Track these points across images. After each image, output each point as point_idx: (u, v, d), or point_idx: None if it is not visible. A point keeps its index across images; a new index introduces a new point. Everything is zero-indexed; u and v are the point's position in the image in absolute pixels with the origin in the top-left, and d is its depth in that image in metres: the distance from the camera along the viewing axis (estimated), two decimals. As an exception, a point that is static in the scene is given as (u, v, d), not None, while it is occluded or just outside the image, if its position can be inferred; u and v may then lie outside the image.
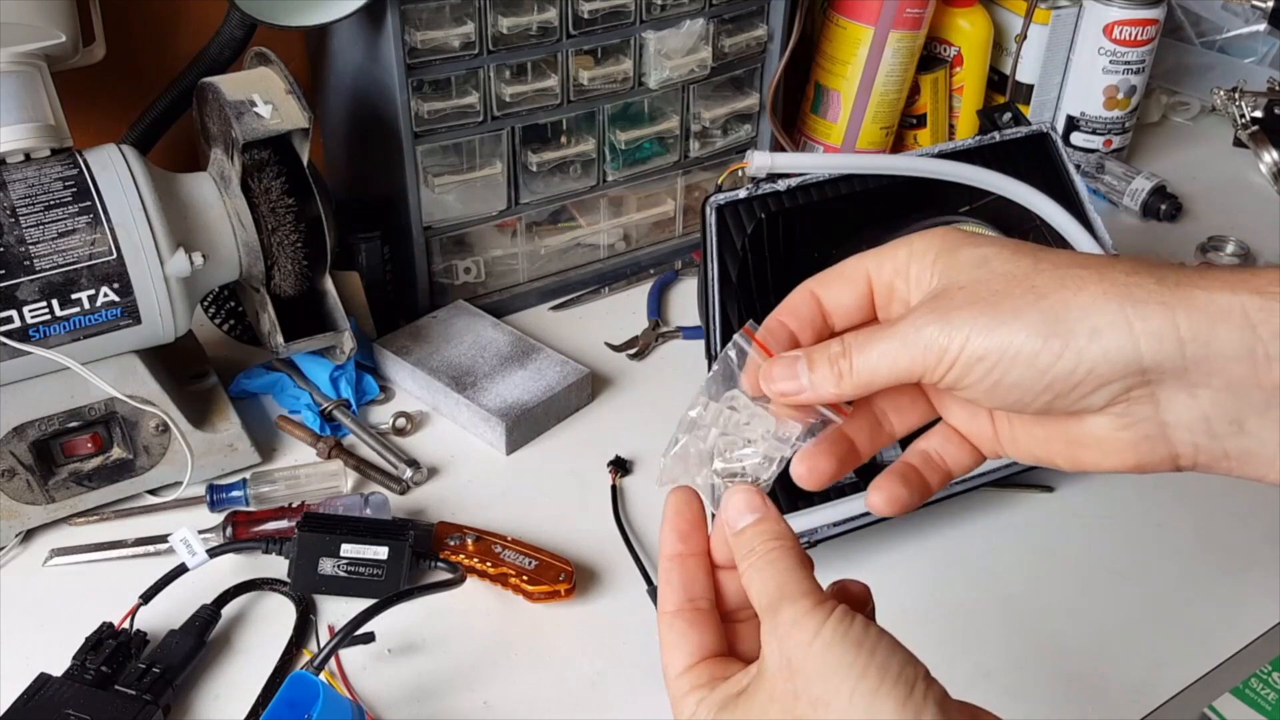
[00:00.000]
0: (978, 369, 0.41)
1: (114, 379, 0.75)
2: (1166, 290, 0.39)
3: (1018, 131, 0.86)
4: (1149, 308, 0.39)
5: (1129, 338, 0.39)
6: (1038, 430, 0.45)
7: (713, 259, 0.75)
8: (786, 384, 0.45)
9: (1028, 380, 0.40)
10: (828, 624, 0.40)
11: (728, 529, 0.46)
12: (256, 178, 0.78)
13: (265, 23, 0.83)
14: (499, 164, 0.94)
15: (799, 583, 0.42)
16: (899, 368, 0.43)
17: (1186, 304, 0.38)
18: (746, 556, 0.44)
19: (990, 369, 0.41)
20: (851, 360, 0.44)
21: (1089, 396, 0.40)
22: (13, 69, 0.72)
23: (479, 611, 0.73)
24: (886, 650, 0.40)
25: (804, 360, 0.45)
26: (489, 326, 0.95)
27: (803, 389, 0.45)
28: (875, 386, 0.44)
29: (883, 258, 0.45)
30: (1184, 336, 0.38)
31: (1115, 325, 0.39)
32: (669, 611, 0.46)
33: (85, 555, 0.76)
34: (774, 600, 0.42)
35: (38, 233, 0.70)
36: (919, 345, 0.42)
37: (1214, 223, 1.16)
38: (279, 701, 0.60)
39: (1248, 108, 1.25)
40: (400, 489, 0.82)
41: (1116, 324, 0.39)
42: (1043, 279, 0.41)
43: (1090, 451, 0.43)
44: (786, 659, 0.41)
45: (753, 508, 0.45)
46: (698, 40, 0.97)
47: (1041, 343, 0.40)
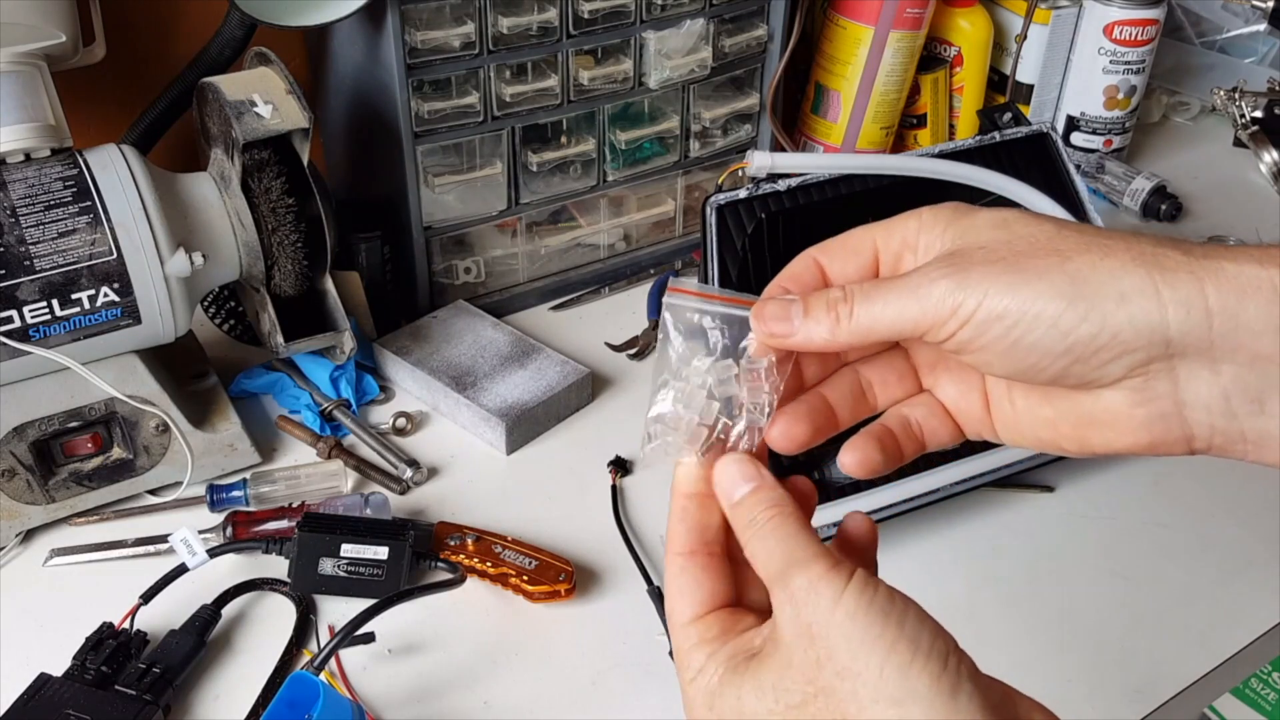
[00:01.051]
0: (995, 328, 0.39)
1: (114, 379, 0.75)
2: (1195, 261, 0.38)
3: (1018, 131, 0.86)
4: (1178, 275, 0.38)
5: (1156, 305, 0.38)
6: (1045, 410, 0.43)
7: (713, 259, 0.75)
8: (778, 324, 0.43)
9: (1047, 342, 0.39)
10: (848, 590, 0.38)
11: (723, 501, 0.44)
12: (256, 178, 0.78)
13: (265, 23, 0.83)
14: (499, 164, 0.94)
15: (806, 546, 0.41)
16: (904, 319, 0.41)
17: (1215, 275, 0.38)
18: (748, 526, 0.42)
19: (1009, 328, 0.39)
20: (853, 306, 0.42)
21: (1108, 365, 0.39)
22: (13, 69, 0.72)
23: (479, 611, 0.73)
24: (915, 621, 0.38)
25: (800, 303, 0.43)
26: (489, 326, 0.95)
27: (793, 331, 0.43)
28: (873, 338, 0.42)
29: (891, 228, 0.44)
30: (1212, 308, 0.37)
31: (1143, 292, 0.38)
32: (681, 553, 0.44)
33: (85, 555, 0.76)
34: (783, 567, 0.40)
35: (38, 233, 0.70)
36: (931, 298, 0.40)
37: (1214, 223, 1.16)
38: (279, 701, 0.60)
39: (1248, 108, 1.25)
40: (400, 489, 0.82)
41: (1144, 290, 0.38)
42: (1068, 243, 0.39)
43: (1101, 431, 0.41)
44: (806, 625, 0.39)
45: (747, 477, 0.43)
46: (698, 40, 0.97)
47: (1066, 304, 0.38)
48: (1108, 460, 0.84)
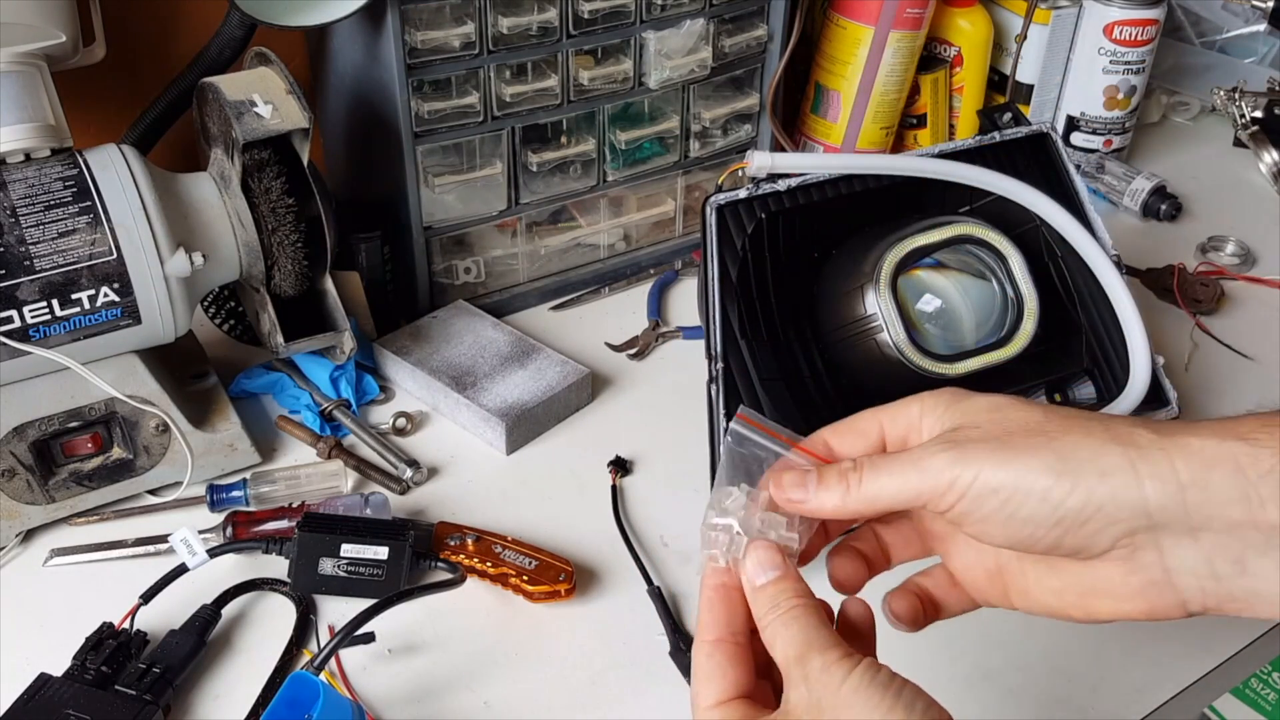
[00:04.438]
0: (991, 501, 0.44)
1: (114, 379, 0.75)
2: (1164, 438, 0.42)
3: (1018, 131, 0.86)
4: (1151, 453, 0.42)
5: (1135, 480, 0.42)
6: (1052, 580, 0.47)
7: (713, 259, 0.75)
8: (795, 492, 0.48)
9: (1040, 514, 0.43)
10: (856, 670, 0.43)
11: (747, 585, 0.48)
12: (256, 178, 0.78)
13: (265, 23, 0.83)
14: (499, 164, 0.94)
15: (826, 637, 0.45)
16: (908, 489, 0.45)
17: (1183, 451, 0.42)
18: (770, 611, 0.46)
19: (1005, 502, 0.43)
20: (862, 475, 0.47)
21: (1097, 535, 0.43)
22: (13, 69, 0.72)
23: (479, 611, 0.73)
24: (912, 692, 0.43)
25: (815, 473, 0.48)
26: (489, 326, 0.95)
27: (809, 498, 0.48)
28: (879, 506, 0.47)
29: (895, 412, 0.49)
30: (1184, 481, 0.41)
31: (1122, 469, 0.42)
32: (709, 640, 0.47)
33: (85, 555, 0.76)
34: (802, 652, 0.44)
35: (38, 233, 0.70)
36: (931, 471, 0.44)
37: (1214, 223, 1.16)
38: (279, 701, 0.60)
39: (1248, 108, 1.25)
40: (400, 489, 0.82)
41: (1123, 467, 0.42)
42: (1053, 425, 0.44)
43: (1102, 600, 0.45)
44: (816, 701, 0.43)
45: (774, 565, 0.47)
46: (698, 40, 0.97)
47: (1054, 479, 0.42)
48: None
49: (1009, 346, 0.77)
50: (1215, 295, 1.03)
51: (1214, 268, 1.08)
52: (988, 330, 0.78)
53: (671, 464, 0.84)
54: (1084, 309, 0.84)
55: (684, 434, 0.83)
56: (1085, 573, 0.45)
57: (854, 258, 0.77)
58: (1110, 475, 0.42)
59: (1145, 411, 0.83)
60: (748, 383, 0.74)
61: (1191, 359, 0.96)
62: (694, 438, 0.76)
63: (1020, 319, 0.77)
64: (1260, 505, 0.41)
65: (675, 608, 0.73)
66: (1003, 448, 0.44)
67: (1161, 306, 1.03)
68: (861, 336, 0.75)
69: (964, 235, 0.77)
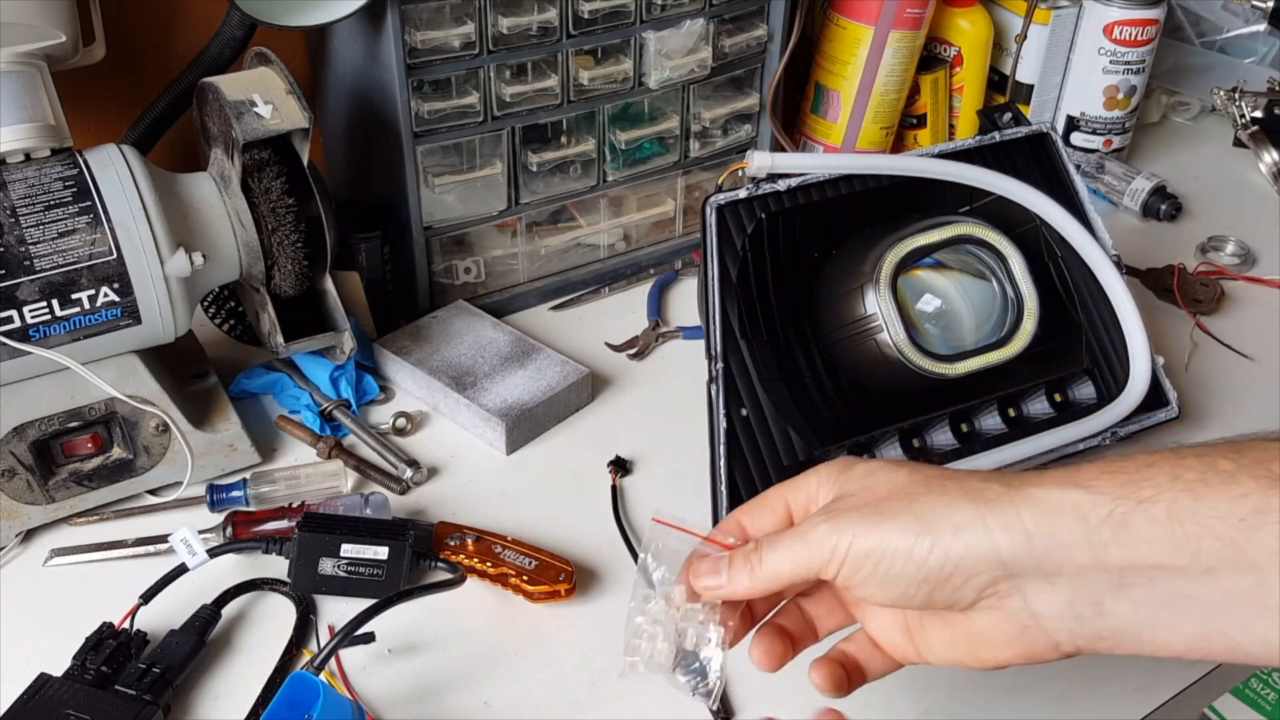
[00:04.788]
0: (865, 565, 0.47)
1: (114, 379, 0.75)
2: (1011, 491, 0.45)
3: (1018, 131, 0.86)
4: (999, 506, 0.45)
5: (985, 532, 0.45)
6: (945, 633, 0.50)
7: (713, 259, 0.75)
8: (710, 579, 0.51)
9: (908, 573, 0.46)
10: None
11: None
12: (256, 178, 0.78)
13: (265, 23, 0.83)
14: (499, 164, 0.94)
15: None
16: (799, 563, 0.49)
17: (1028, 501, 0.45)
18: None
19: (876, 565, 0.47)
20: (761, 555, 0.50)
21: (962, 588, 0.46)
22: (13, 69, 0.72)
23: (479, 611, 0.73)
24: None
25: (726, 560, 0.52)
26: (489, 326, 0.95)
27: (722, 585, 0.51)
28: (781, 581, 0.50)
29: (796, 486, 0.53)
30: (1030, 530, 0.44)
31: (973, 523, 0.45)
32: None
33: (85, 555, 0.76)
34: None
35: (38, 233, 0.70)
36: (815, 542, 0.48)
37: (1214, 223, 1.16)
38: (279, 701, 0.60)
39: (1248, 108, 1.25)
40: (400, 489, 0.82)
41: (974, 521, 0.45)
42: (916, 487, 0.48)
43: (986, 648, 0.48)
44: None
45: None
46: (698, 40, 0.97)
47: (914, 539, 0.46)
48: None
49: (1009, 346, 0.77)
50: (1215, 295, 1.03)
51: (1214, 268, 1.08)
52: (988, 330, 0.78)
53: (671, 464, 0.84)
54: (1084, 309, 0.84)
55: (684, 434, 0.83)
56: (966, 624, 0.48)
57: (854, 258, 0.77)
58: (963, 530, 0.45)
59: (1145, 412, 0.83)
60: (748, 383, 0.74)
61: (1191, 359, 0.96)
62: (694, 438, 0.76)
63: (1020, 319, 0.77)
64: (1103, 548, 0.43)
65: (675, 608, 0.73)
66: (872, 513, 0.47)
67: (1161, 306, 1.03)
68: (861, 336, 0.75)
69: (964, 235, 0.77)
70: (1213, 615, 0.43)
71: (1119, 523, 0.43)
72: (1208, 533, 0.42)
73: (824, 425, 0.76)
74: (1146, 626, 0.44)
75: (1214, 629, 0.43)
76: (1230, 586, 0.42)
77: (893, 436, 0.78)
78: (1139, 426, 0.83)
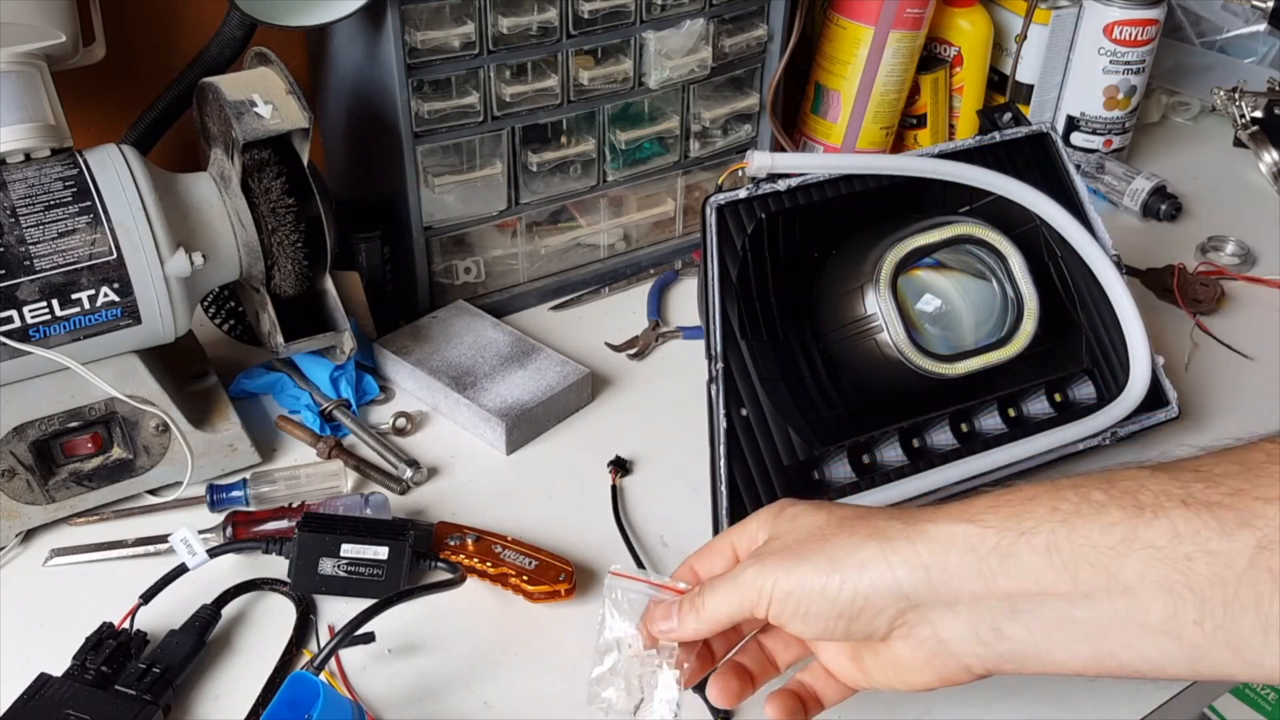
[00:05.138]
0: (788, 604, 0.51)
1: (114, 379, 0.75)
2: (910, 528, 0.49)
3: (1018, 131, 0.86)
4: (898, 543, 0.49)
5: (887, 568, 0.49)
6: (876, 660, 0.53)
7: (713, 259, 0.75)
8: (663, 623, 0.56)
9: (824, 609, 0.50)
10: None
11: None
12: (256, 178, 0.78)
13: (265, 23, 0.83)
14: (499, 164, 0.94)
15: None
16: (734, 604, 0.53)
17: (925, 537, 0.48)
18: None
19: (797, 603, 0.50)
20: (704, 599, 0.54)
21: (874, 620, 0.50)
22: (13, 69, 0.72)
23: (479, 611, 0.73)
24: None
25: (677, 604, 0.55)
26: (489, 326, 0.95)
27: (674, 628, 0.55)
28: (722, 621, 0.54)
29: (741, 530, 0.57)
30: (927, 564, 0.48)
31: (876, 559, 0.49)
32: None
33: (85, 555, 0.76)
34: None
35: (38, 233, 0.70)
36: (745, 584, 0.52)
37: (1214, 223, 1.16)
38: (279, 701, 0.60)
39: (1248, 108, 1.25)
40: (400, 489, 0.82)
41: (876, 558, 0.49)
42: (830, 529, 0.52)
43: (909, 673, 0.52)
44: None
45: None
46: (698, 40, 0.97)
47: (825, 578, 0.50)
48: (1106, 461, 0.84)
49: (1009, 346, 0.77)
50: (1215, 295, 1.03)
51: (1214, 268, 1.08)
52: (988, 330, 0.78)
53: (671, 464, 0.84)
54: (1084, 309, 0.84)
55: (684, 434, 0.83)
56: (888, 651, 0.51)
57: (854, 258, 0.77)
58: (867, 567, 0.49)
59: (1145, 412, 0.83)
60: (748, 383, 0.74)
61: (1191, 359, 0.96)
62: (694, 438, 0.76)
63: (1020, 319, 0.77)
64: (992, 577, 0.47)
65: (675, 608, 0.73)
66: (791, 555, 0.51)
67: (1161, 306, 1.03)
68: (861, 336, 0.75)
69: (964, 235, 0.77)
70: (1099, 636, 0.46)
71: (1004, 553, 0.47)
72: (1083, 560, 0.45)
73: (824, 425, 0.76)
74: (1044, 649, 0.48)
75: (1102, 649, 0.46)
76: (1109, 609, 0.45)
77: (893, 436, 0.78)
78: (1139, 426, 0.83)
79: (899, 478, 0.76)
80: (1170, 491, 0.45)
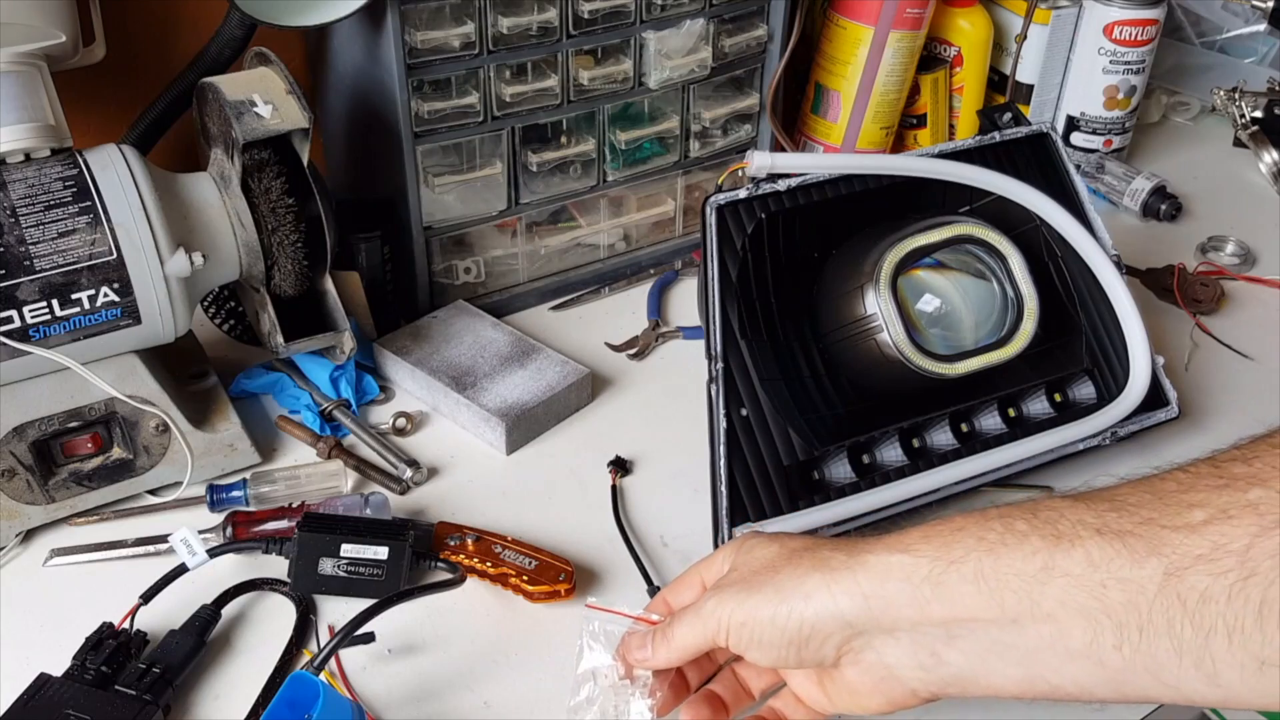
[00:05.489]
0: (744, 634, 0.53)
1: (114, 379, 0.75)
2: (851, 558, 0.51)
3: (1018, 131, 0.86)
4: (840, 573, 0.51)
5: (830, 597, 0.51)
6: (833, 686, 0.55)
7: (713, 259, 0.75)
8: (638, 653, 0.58)
9: (775, 638, 0.52)
10: None
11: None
12: (256, 178, 0.78)
13: (265, 23, 0.83)
14: (499, 164, 0.94)
15: None
16: (698, 635, 0.55)
17: (864, 568, 0.51)
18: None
19: (753, 631, 0.53)
20: (674, 630, 0.56)
21: (822, 647, 0.52)
22: (13, 69, 0.72)
23: (479, 611, 0.73)
24: None
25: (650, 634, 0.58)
26: (489, 326, 0.95)
27: (648, 657, 0.57)
28: (690, 651, 0.56)
29: (709, 563, 0.59)
30: (866, 593, 0.50)
31: (820, 589, 0.51)
32: None
33: (85, 555, 0.76)
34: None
35: (38, 233, 0.70)
36: (706, 615, 0.54)
37: (1214, 223, 1.16)
38: (279, 701, 0.60)
39: (1248, 108, 1.25)
40: (400, 489, 0.82)
41: (820, 588, 0.51)
42: (780, 560, 0.54)
43: (860, 697, 0.54)
44: None
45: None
46: (698, 40, 0.97)
47: (774, 608, 0.52)
48: (1106, 460, 0.84)
49: (1009, 346, 0.77)
50: (1215, 295, 1.03)
51: (1214, 268, 1.08)
52: (988, 330, 0.78)
53: (671, 464, 0.84)
54: (1084, 309, 0.84)
55: (684, 434, 0.83)
56: (841, 677, 0.53)
57: (854, 258, 0.77)
58: (812, 597, 0.51)
59: (1145, 412, 0.83)
60: (748, 383, 0.74)
61: (1191, 359, 0.96)
62: (694, 438, 0.76)
63: (1020, 319, 0.77)
64: (926, 604, 0.49)
65: (675, 608, 0.73)
66: (746, 587, 0.54)
67: (1161, 306, 1.03)
68: (861, 336, 0.75)
69: (964, 235, 0.77)
70: (1029, 661, 0.48)
71: (936, 582, 0.49)
72: (1007, 588, 0.47)
73: (824, 425, 0.76)
74: (981, 672, 0.49)
75: (1034, 673, 0.48)
76: (1035, 635, 0.47)
77: (893, 436, 0.78)
78: (1139, 426, 0.83)
79: (899, 478, 0.76)
80: (1086, 520, 0.47)
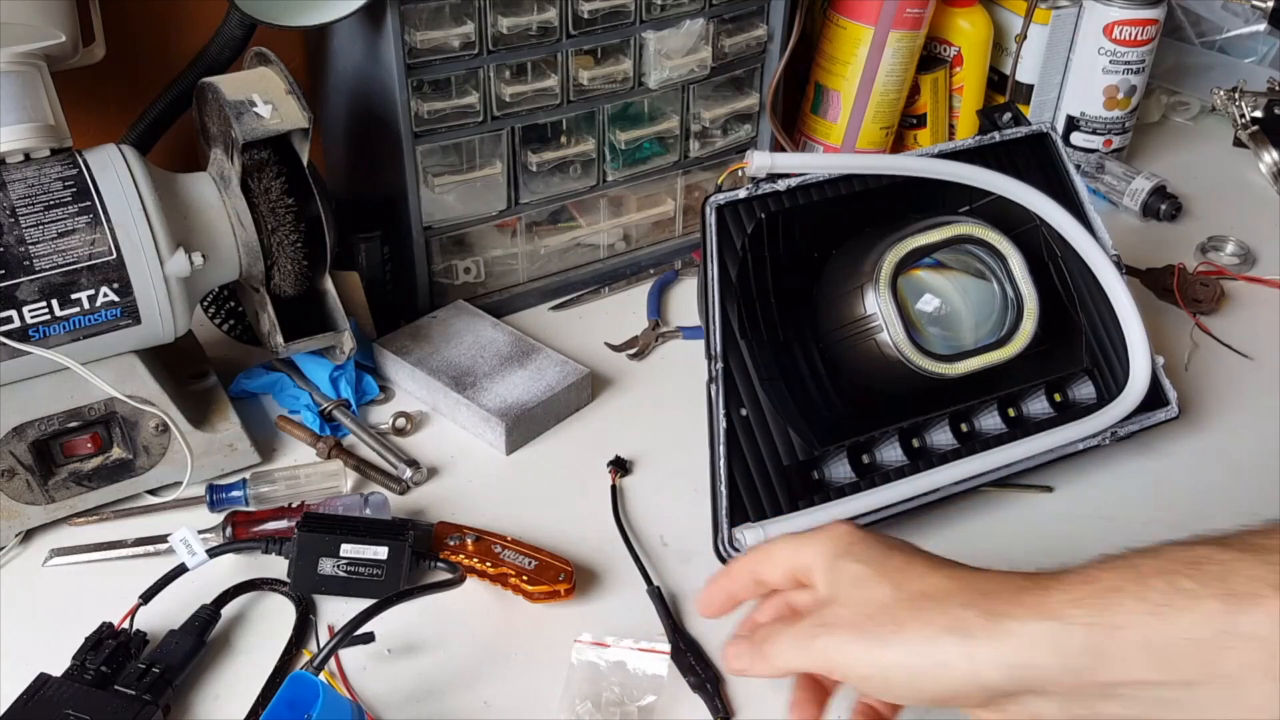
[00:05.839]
0: (868, 685, 0.51)
1: (114, 379, 0.75)
2: (991, 623, 0.48)
3: (1018, 131, 0.86)
4: (980, 641, 0.48)
5: (971, 669, 0.48)
6: None
7: (713, 259, 0.75)
8: (738, 663, 0.56)
9: (906, 695, 0.50)
10: None
11: None
12: (256, 178, 0.78)
13: (265, 23, 0.83)
14: (499, 164, 0.94)
15: None
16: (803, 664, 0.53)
17: (1009, 637, 0.48)
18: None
19: (879, 685, 0.51)
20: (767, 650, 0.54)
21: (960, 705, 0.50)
22: (13, 69, 0.72)
23: (479, 611, 0.73)
24: None
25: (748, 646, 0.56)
26: (489, 326, 0.95)
27: (749, 668, 0.55)
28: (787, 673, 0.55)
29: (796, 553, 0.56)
30: (1012, 664, 0.47)
31: (959, 660, 0.48)
32: None
33: (85, 555, 0.76)
34: None
35: (37, 233, 0.70)
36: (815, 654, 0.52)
37: (1214, 223, 1.16)
38: (279, 701, 0.60)
39: (1248, 108, 1.25)
40: (400, 489, 0.82)
41: (960, 660, 0.48)
42: (901, 610, 0.51)
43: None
44: None
45: None
46: (698, 40, 0.97)
47: (910, 673, 0.49)
48: (1106, 460, 0.84)
49: (1009, 346, 0.77)
50: (1215, 295, 1.03)
51: (1214, 268, 1.08)
52: (987, 330, 0.78)
53: (671, 464, 0.84)
54: (1084, 309, 0.84)
55: (684, 434, 0.83)
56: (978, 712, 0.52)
57: (854, 258, 0.77)
58: (951, 667, 0.48)
59: (1145, 412, 0.83)
60: (748, 383, 0.74)
61: (1191, 359, 0.96)
62: (694, 438, 0.76)
63: (1020, 319, 0.77)
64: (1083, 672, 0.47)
65: (675, 608, 0.73)
66: (863, 638, 0.51)
67: (1161, 306, 1.03)
68: (861, 336, 0.75)
69: (964, 235, 0.77)
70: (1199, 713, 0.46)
71: (1096, 652, 0.46)
72: (1180, 654, 0.45)
73: (824, 425, 0.76)
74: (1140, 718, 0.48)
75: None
76: (1210, 696, 0.45)
77: (892, 436, 0.78)
78: (1139, 426, 0.83)
79: (899, 478, 0.76)
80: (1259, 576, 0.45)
